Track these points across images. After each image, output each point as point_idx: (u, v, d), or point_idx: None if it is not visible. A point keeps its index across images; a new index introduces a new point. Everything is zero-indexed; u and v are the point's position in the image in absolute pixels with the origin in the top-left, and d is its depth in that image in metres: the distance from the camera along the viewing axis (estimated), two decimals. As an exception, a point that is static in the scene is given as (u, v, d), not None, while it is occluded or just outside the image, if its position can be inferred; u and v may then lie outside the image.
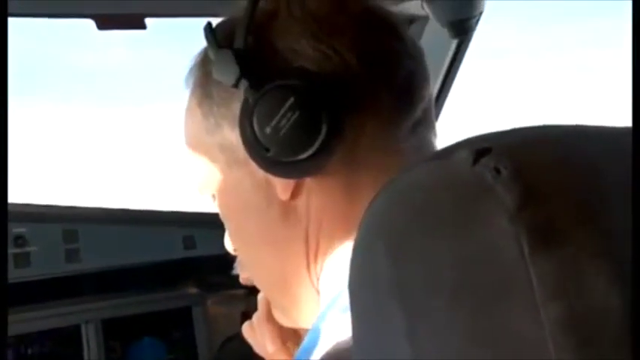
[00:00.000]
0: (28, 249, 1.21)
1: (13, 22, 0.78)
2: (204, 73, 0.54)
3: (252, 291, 0.65)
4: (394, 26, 0.54)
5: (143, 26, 0.91)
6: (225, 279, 1.36)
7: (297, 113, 0.47)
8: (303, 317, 0.58)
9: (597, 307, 0.23)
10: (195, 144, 0.56)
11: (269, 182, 0.51)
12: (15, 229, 1.20)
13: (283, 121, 0.47)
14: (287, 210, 0.52)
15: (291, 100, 0.47)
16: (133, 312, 1.28)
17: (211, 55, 0.50)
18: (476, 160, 0.27)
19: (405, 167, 0.31)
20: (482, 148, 0.27)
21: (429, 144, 0.54)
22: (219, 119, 0.52)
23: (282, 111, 0.47)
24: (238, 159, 0.51)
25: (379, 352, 0.29)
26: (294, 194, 0.51)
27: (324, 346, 0.48)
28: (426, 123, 0.54)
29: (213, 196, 0.57)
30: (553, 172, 0.26)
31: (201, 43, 0.53)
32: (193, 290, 1.34)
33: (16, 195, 1.18)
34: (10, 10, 0.65)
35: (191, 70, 0.56)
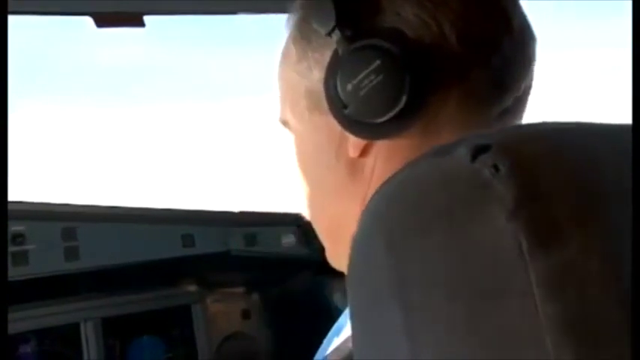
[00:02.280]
0: (26, 247, 1.20)
1: (12, 21, 0.78)
2: (304, 17, 0.53)
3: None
4: (503, 7, 0.51)
5: (142, 24, 0.91)
6: (225, 277, 1.36)
7: (380, 77, 0.46)
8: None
9: (596, 307, 0.23)
10: (285, 83, 0.56)
11: (343, 136, 0.51)
12: (13, 227, 1.20)
13: (365, 82, 0.46)
14: (354, 167, 0.52)
15: (378, 62, 0.46)
16: (132, 310, 1.28)
17: None
18: (474, 157, 0.27)
19: (404, 164, 0.31)
20: (481, 145, 0.27)
21: None
22: (312, 64, 0.52)
23: (366, 71, 0.46)
24: (321, 107, 0.51)
25: (378, 349, 0.29)
26: (364, 153, 0.51)
27: (348, 330, 0.48)
28: (515, 113, 0.53)
29: (290, 132, 0.57)
30: (552, 169, 0.26)
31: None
32: (192, 288, 1.34)
33: (14, 193, 1.17)
34: (9, 8, 0.65)
35: (292, 13, 0.55)
